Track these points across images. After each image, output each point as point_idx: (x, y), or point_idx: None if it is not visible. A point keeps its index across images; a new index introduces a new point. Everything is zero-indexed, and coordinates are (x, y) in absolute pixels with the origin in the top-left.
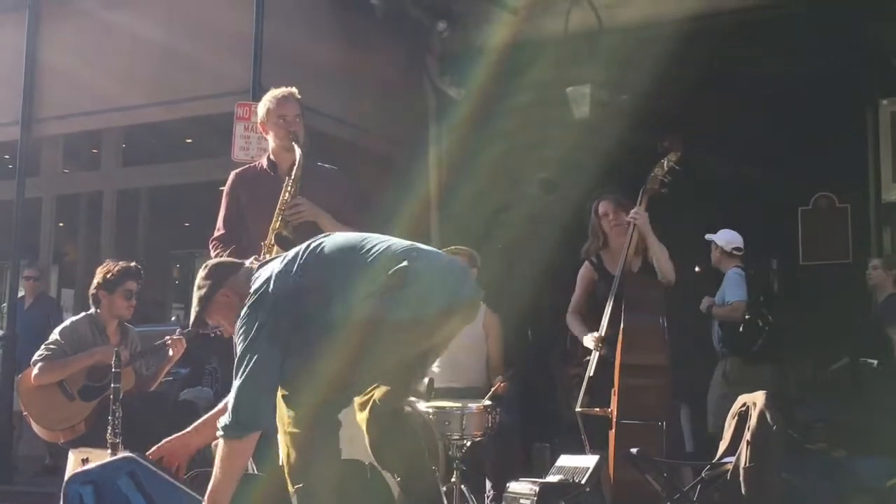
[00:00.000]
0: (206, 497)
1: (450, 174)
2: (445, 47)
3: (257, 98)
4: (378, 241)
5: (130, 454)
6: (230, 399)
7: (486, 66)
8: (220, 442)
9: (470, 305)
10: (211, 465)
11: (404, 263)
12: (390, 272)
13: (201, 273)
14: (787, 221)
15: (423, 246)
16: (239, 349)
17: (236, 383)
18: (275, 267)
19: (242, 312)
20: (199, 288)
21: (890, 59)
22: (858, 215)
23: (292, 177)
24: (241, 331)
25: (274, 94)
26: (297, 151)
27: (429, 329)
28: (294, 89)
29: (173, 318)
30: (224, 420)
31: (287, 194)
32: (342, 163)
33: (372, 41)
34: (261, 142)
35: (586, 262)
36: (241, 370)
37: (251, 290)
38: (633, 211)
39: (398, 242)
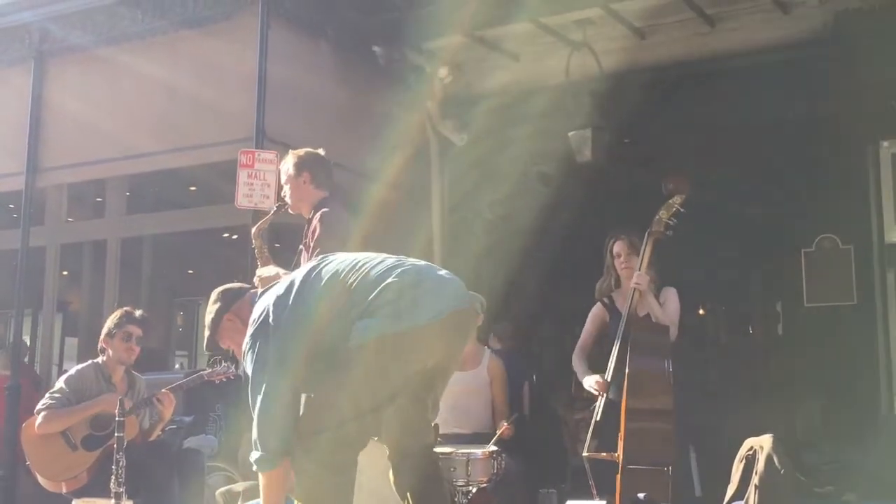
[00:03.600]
0: None
1: (452, 219)
2: (447, 93)
3: (261, 145)
4: (366, 262)
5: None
6: (253, 432)
7: (488, 112)
8: (259, 477)
9: (461, 313)
10: None
11: (389, 280)
12: (375, 292)
13: (211, 297)
14: (790, 263)
15: (413, 260)
16: (250, 377)
17: (255, 416)
18: (273, 295)
19: (245, 341)
20: (209, 313)
21: (890, 101)
22: (862, 257)
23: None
24: (248, 360)
25: None
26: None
27: (423, 340)
28: (290, 153)
29: (177, 367)
30: (254, 455)
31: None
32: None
33: (374, 87)
34: (264, 189)
35: (598, 302)
36: (256, 402)
37: (252, 318)
38: (634, 276)
39: (385, 262)
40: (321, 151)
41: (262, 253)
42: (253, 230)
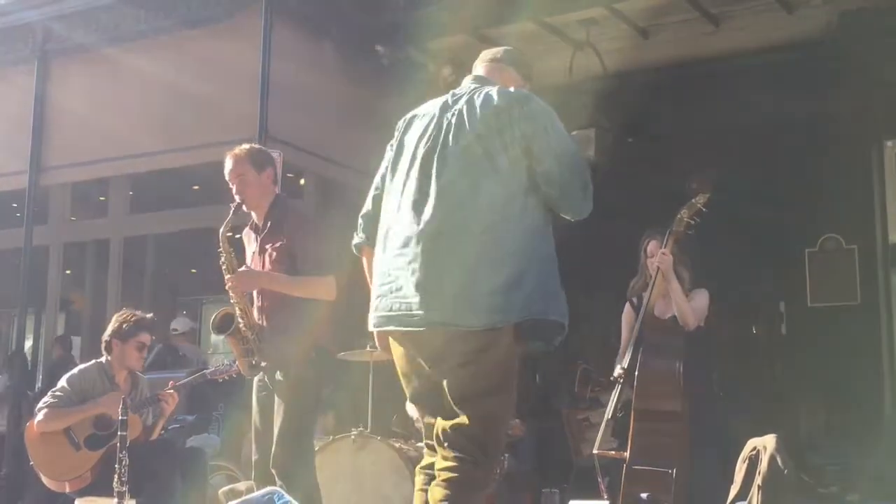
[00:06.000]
0: None
1: None
2: (450, 92)
3: (264, 144)
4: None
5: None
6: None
7: None
8: None
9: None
10: None
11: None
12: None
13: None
14: (794, 263)
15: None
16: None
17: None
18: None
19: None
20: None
21: (895, 101)
22: (866, 257)
23: (221, 260)
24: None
25: None
26: (222, 228)
27: None
28: (236, 150)
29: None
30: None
31: (226, 273)
32: (346, 208)
33: (377, 86)
34: None
35: (627, 303)
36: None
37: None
38: (658, 254)
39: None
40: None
41: (230, 258)
42: (221, 231)
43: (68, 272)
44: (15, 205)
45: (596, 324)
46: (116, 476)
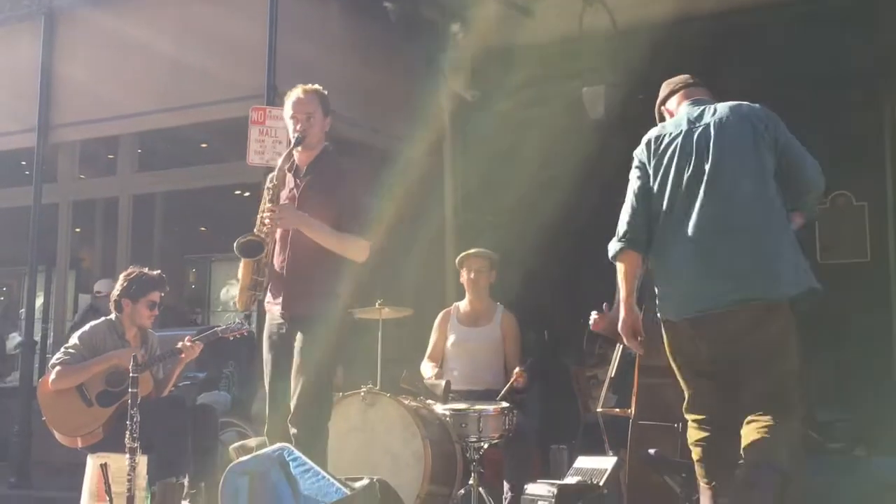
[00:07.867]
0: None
1: (465, 176)
2: (459, 49)
3: (272, 102)
4: None
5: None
6: None
7: (501, 68)
8: None
9: None
10: None
11: None
12: None
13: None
14: None
15: None
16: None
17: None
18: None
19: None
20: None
21: None
22: (876, 213)
23: (268, 184)
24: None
25: (288, 93)
26: (280, 159)
27: None
28: (308, 86)
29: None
30: None
31: (265, 202)
32: (358, 166)
33: (385, 44)
34: (275, 146)
35: None
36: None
37: None
38: None
39: None
40: None
41: (277, 191)
42: (280, 161)
43: (77, 230)
44: (24, 163)
45: (604, 279)
46: (128, 432)
